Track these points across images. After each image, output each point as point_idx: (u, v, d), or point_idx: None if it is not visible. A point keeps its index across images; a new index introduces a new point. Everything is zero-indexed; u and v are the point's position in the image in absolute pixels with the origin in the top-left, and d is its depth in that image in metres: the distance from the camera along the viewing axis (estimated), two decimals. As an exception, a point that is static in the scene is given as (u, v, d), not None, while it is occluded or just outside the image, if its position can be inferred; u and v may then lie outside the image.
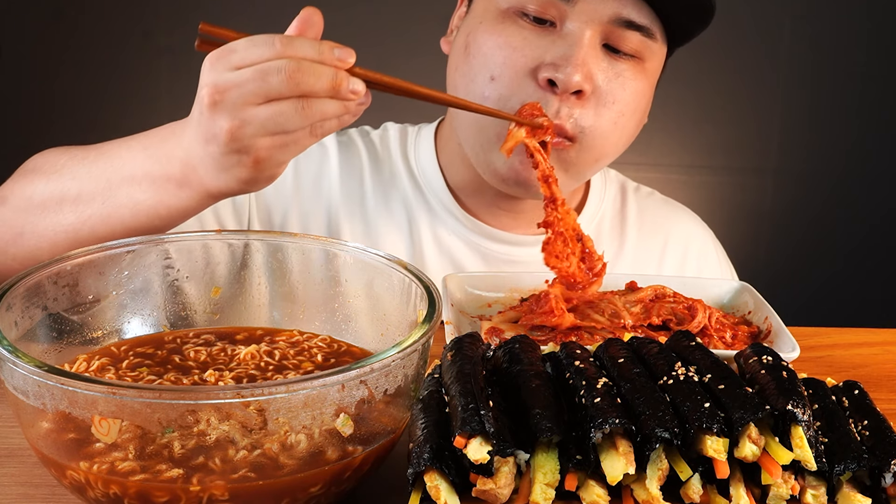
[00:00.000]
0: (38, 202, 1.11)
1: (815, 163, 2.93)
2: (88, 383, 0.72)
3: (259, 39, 0.96)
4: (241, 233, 1.05)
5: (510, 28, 1.25)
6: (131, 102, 2.78)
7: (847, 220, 2.96)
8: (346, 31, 2.83)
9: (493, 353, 0.91)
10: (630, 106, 1.27)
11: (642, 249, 1.50)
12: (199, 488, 0.73)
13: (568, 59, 1.21)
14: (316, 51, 0.96)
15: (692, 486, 0.78)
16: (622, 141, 1.31)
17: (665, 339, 0.95)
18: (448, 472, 0.76)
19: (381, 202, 1.42)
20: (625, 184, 1.57)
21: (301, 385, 0.73)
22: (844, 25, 2.83)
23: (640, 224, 1.52)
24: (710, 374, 0.83)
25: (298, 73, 0.94)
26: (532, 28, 1.24)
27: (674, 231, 1.54)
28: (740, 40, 2.81)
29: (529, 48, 1.23)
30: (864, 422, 0.85)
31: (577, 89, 1.21)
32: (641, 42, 1.25)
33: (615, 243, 1.49)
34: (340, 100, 0.98)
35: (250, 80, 0.94)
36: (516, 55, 1.23)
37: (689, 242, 1.54)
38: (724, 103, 2.87)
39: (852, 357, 1.19)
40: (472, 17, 1.31)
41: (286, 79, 0.94)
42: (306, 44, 0.96)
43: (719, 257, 1.56)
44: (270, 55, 0.95)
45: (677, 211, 1.59)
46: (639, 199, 1.56)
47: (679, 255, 1.51)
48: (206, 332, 1.00)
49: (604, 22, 1.22)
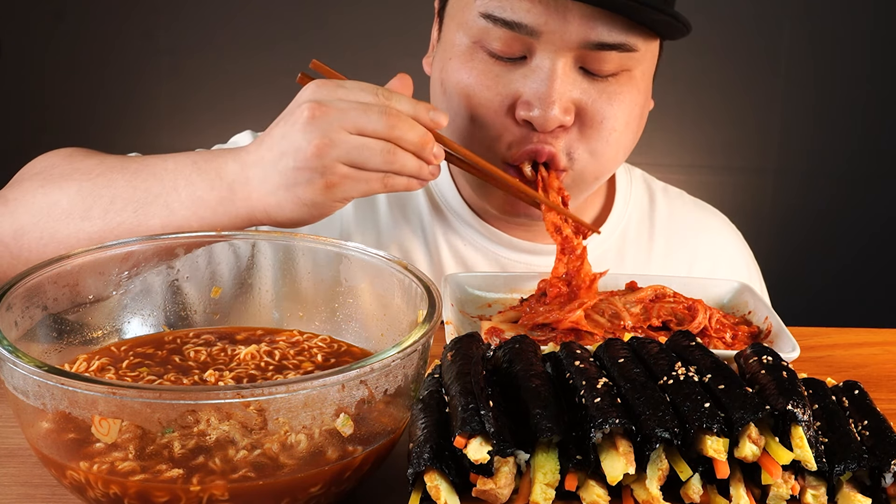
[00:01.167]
0: (64, 208, 1.08)
1: (816, 163, 2.93)
2: (88, 383, 0.72)
3: (366, 85, 1.04)
4: (242, 233, 1.05)
5: (480, 66, 1.19)
6: (131, 103, 2.79)
7: (847, 220, 2.97)
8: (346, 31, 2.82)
9: (493, 353, 0.91)
10: (622, 120, 1.21)
11: (671, 260, 1.43)
12: (199, 488, 0.73)
13: (542, 96, 1.15)
14: (413, 108, 1.04)
15: (692, 486, 0.78)
16: (620, 154, 1.26)
17: (665, 339, 0.95)
18: (448, 472, 0.76)
19: (396, 213, 1.38)
20: (651, 183, 1.50)
21: (301, 385, 0.73)
22: (845, 25, 2.83)
23: (669, 233, 1.45)
24: (710, 374, 0.83)
25: (396, 118, 1.02)
26: (501, 63, 1.18)
27: (704, 240, 1.47)
28: (740, 40, 2.81)
29: (501, 85, 1.18)
30: (864, 422, 0.85)
31: (556, 125, 1.17)
32: (621, 58, 1.17)
33: (642, 252, 1.42)
34: (422, 159, 1.04)
35: (352, 109, 1.01)
36: (490, 94, 1.19)
37: (719, 253, 1.47)
38: (724, 103, 2.87)
39: (852, 357, 1.19)
40: (442, 47, 1.25)
41: (384, 119, 1.01)
42: (405, 100, 1.05)
43: (750, 272, 1.48)
44: (373, 100, 1.02)
45: (708, 216, 1.52)
46: (668, 200, 1.48)
47: (709, 269, 1.44)
48: (206, 332, 1.00)
49: (574, 48, 1.15)
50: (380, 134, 1.01)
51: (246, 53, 2.71)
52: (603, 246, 1.39)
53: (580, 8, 1.13)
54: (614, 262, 1.37)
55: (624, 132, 1.23)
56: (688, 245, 1.46)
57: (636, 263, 1.41)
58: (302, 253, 1.02)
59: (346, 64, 1.10)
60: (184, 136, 2.79)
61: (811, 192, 2.95)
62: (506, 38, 1.16)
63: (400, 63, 1.76)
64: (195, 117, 2.81)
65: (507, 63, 1.18)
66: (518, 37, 1.16)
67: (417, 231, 1.38)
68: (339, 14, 2.71)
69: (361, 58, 2.36)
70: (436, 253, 1.37)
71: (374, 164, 1.02)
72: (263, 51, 2.69)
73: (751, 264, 1.51)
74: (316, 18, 2.71)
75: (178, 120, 2.78)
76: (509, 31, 1.15)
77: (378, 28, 2.69)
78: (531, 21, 1.14)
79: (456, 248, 1.38)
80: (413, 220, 1.39)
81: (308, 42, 2.68)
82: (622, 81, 1.20)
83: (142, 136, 2.81)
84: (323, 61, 1.11)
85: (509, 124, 1.20)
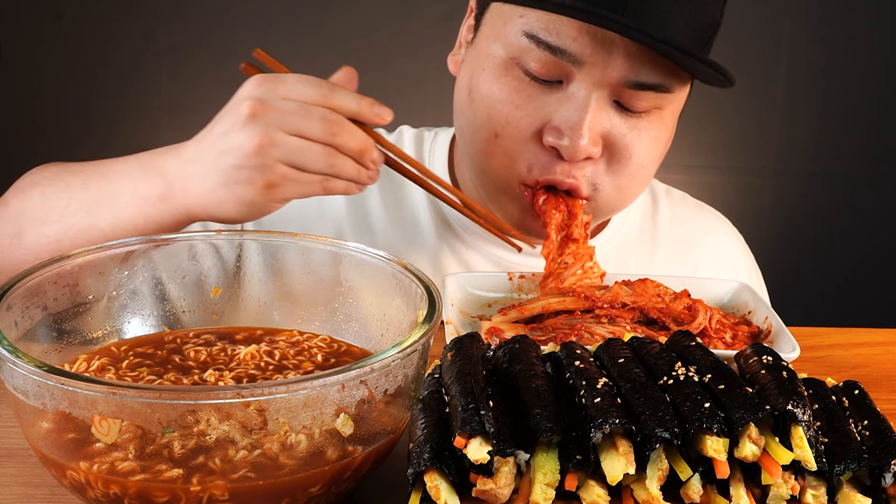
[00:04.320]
0: (30, 214, 1.11)
1: (816, 163, 2.93)
2: (88, 383, 0.72)
3: (308, 79, 1.01)
4: (242, 233, 1.06)
5: (513, 83, 1.17)
6: (131, 102, 2.79)
7: (848, 220, 2.97)
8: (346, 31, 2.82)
9: (493, 353, 0.91)
10: (649, 157, 1.21)
11: (674, 263, 1.42)
12: (199, 488, 0.73)
13: (573, 125, 1.14)
14: (356, 104, 1.02)
15: (692, 486, 0.78)
16: (643, 188, 1.26)
17: (665, 339, 0.95)
18: (448, 472, 0.76)
19: (392, 213, 1.37)
20: (654, 186, 1.49)
21: (301, 385, 0.73)
22: (846, 25, 2.83)
23: (671, 236, 1.44)
24: (710, 374, 0.83)
25: (337, 125, 1.00)
26: (536, 84, 1.16)
27: (707, 244, 1.46)
28: (741, 40, 2.81)
29: (533, 107, 1.16)
30: (864, 422, 0.85)
31: (584, 156, 1.16)
32: (657, 97, 1.17)
33: (644, 255, 1.42)
34: (361, 165, 1.03)
35: (293, 111, 0.99)
36: (520, 114, 1.17)
37: (722, 257, 1.47)
38: (724, 103, 2.86)
39: (852, 357, 1.19)
40: (476, 54, 1.22)
41: (324, 126, 0.99)
42: (348, 96, 1.02)
43: (751, 276, 1.48)
44: (315, 97, 1.00)
45: (711, 219, 1.51)
46: (671, 203, 1.48)
47: (712, 272, 1.43)
48: (206, 332, 1.00)
49: (613, 84, 1.14)
50: (320, 139, 1.00)
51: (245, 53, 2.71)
52: (605, 249, 1.38)
53: (627, 45, 1.11)
54: (616, 266, 1.37)
55: (649, 169, 1.23)
56: (691, 248, 1.45)
57: (638, 267, 1.40)
58: (302, 253, 1.02)
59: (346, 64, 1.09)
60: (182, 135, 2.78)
61: (812, 193, 2.95)
62: (546, 61, 1.14)
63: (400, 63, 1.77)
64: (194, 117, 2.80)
65: (541, 85, 1.16)
66: (558, 62, 1.14)
67: (417, 237, 1.37)
68: (339, 14, 2.71)
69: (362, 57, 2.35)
70: (434, 255, 1.36)
71: (315, 167, 1.01)
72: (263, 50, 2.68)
73: (752, 268, 1.51)
74: (316, 18, 2.71)
75: (176, 119, 2.77)
76: (551, 55, 1.13)
77: (378, 28, 2.69)
78: (576, 50, 1.12)
79: (457, 252, 1.36)
80: (408, 219, 1.37)
81: (308, 42, 2.68)
82: (653, 119, 1.19)
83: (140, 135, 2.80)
84: (323, 62, 1.11)
85: (533, 147, 1.18)
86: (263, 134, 0.99)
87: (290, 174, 1.00)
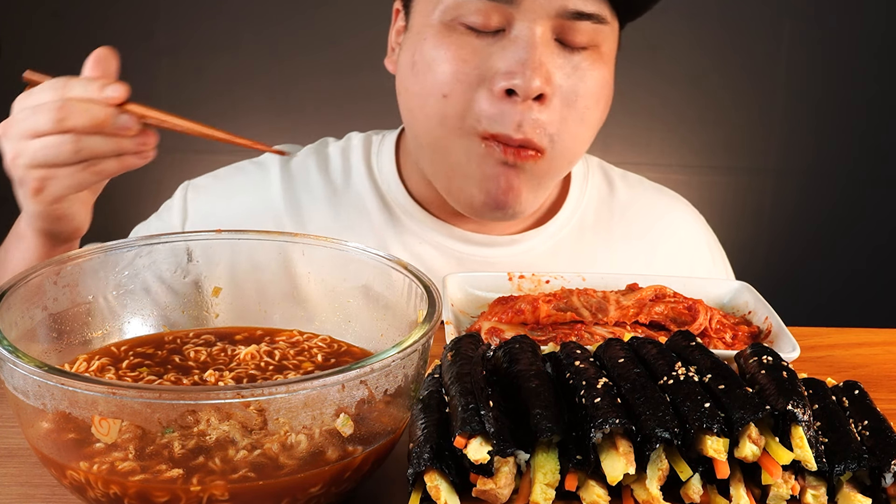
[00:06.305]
0: None
1: (816, 163, 2.93)
2: (88, 383, 0.72)
3: (51, 83, 1.03)
4: (241, 232, 1.05)
5: (457, 40, 1.18)
6: (131, 102, 2.79)
7: (847, 220, 2.97)
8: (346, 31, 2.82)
9: (493, 353, 0.91)
10: (593, 98, 1.22)
11: (632, 245, 1.44)
12: (199, 488, 0.73)
13: (523, 63, 1.15)
14: (84, 89, 1.01)
15: (692, 486, 0.78)
16: (591, 135, 1.26)
17: (665, 339, 0.95)
18: (448, 472, 0.76)
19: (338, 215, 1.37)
20: (609, 171, 1.50)
21: (301, 385, 0.73)
22: (846, 25, 2.83)
23: (629, 219, 1.45)
24: (710, 375, 0.83)
25: (62, 110, 0.99)
26: (479, 37, 1.18)
27: (665, 223, 1.48)
28: (740, 40, 2.81)
29: (479, 58, 1.18)
30: (864, 422, 0.85)
31: (538, 94, 1.16)
32: (594, 30, 1.19)
33: (601, 239, 1.43)
34: (111, 136, 1.01)
35: (27, 116, 1.02)
36: (467, 67, 1.18)
37: (682, 239, 1.49)
38: (724, 103, 2.87)
39: (852, 357, 1.19)
40: (412, 33, 1.25)
41: (52, 115, 1.00)
42: (78, 84, 1.02)
43: (713, 255, 1.50)
44: (50, 97, 1.01)
45: (669, 200, 1.52)
46: (628, 186, 1.49)
47: (671, 254, 1.45)
48: (206, 332, 1.00)
49: (552, 16, 1.16)
50: (52, 130, 1.00)
51: (246, 53, 2.71)
52: (559, 234, 1.39)
53: None
54: (570, 250, 1.38)
55: (594, 111, 1.24)
56: (650, 229, 1.46)
57: (594, 250, 1.41)
58: (302, 253, 1.02)
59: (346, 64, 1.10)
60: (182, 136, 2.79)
61: (812, 192, 2.95)
62: (484, 10, 1.17)
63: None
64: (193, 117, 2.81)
65: (485, 36, 1.18)
66: (496, 6, 1.16)
67: (367, 234, 1.36)
68: (339, 14, 2.71)
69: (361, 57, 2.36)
70: None
71: (63, 159, 1.01)
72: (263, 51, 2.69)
73: (713, 246, 1.52)
74: (316, 18, 2.71)
75: (177, 120, 2.78)
76: (487, 0, 1.16)
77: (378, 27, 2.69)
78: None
79: (409, 246, 1.37)
80: (363, 221, 1.37)
81: (308, 42, 2.68)
82: (593, 59, 1.21)
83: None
84: (323, 63, 1.11)
85: (482, 98, 1.18)
86: (10, 148, 1.03)
87: (46, 174, 1.02)
